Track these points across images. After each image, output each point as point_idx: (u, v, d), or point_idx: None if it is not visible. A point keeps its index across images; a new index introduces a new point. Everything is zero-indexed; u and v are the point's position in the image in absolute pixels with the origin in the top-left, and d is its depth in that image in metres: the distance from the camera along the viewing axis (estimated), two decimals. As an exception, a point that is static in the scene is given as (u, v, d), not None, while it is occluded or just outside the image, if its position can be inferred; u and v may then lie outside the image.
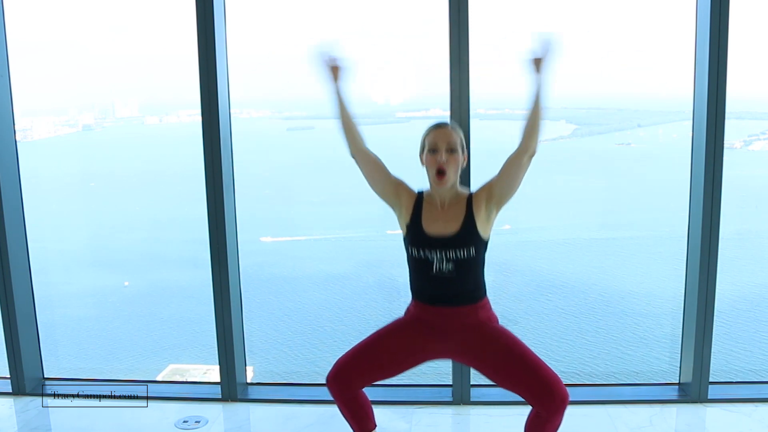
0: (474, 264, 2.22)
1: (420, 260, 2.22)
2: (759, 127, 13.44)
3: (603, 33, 17.67)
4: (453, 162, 2.21)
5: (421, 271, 2.24)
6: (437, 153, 2.20)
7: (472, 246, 2.19)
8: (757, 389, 3.20)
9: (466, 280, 2.21)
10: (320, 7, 17.55)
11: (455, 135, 2.24)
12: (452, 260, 2.18)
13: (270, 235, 11.30)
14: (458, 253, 2.17)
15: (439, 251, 2.18)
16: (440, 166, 2.19)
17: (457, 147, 2.22)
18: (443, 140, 2.21)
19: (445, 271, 2.18)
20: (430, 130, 2.26)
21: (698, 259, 2.99)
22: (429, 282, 2.22)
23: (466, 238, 2.19)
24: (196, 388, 3.54)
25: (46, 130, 14.12)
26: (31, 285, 3.39)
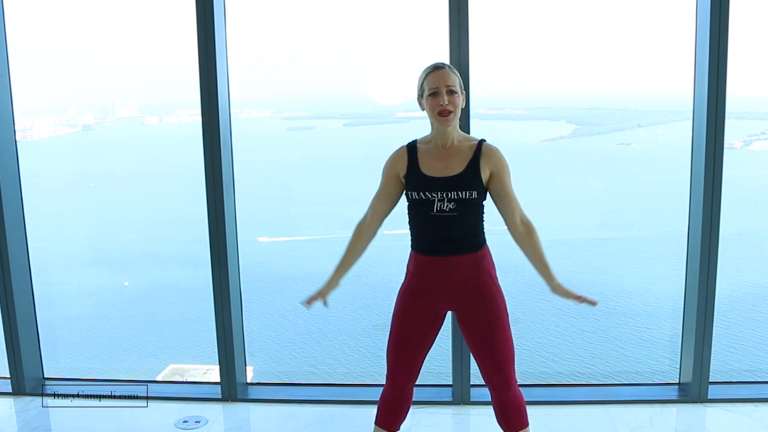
0: (475, 207, 2.21)
1: (420, 201, 2.19)
2: (759, 127, 13.43)
3: (603, 33, 17.66)
4: (454, 103, 2.20)
5: (421, 213, 2.21)
6: (438, 95, 2.19)
7: (474, 189, 2.17)
8: (757, 389, 3.21)
9: (466, 221, 2.19)
10: (320, 8, 17.54)
11: (454, 76, 2.22)
12: (454, 200, 2.16)
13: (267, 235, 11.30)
14: (460, 194, 2.16)
15: (440, 192, 2.16)
16: (444, 108, 2.18)
17: (456, 88, 2.21)
18: (443, 82, 2.19)
19: (446, 209, 2.16)
20: (428, 73, 2.23)
21: (698, 258, 2.99)
22: (429, 223, 2.19)
23: (469, 180, 2.18)
24: (196, 388, 3.54)
25: (46, 130, 14.12)
26: (31, 285, 3.39)
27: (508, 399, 2.27)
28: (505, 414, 2.29)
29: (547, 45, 16.82)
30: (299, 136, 16.31)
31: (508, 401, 2.27)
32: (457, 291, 2.23)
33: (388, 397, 2.34)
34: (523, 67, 16.20)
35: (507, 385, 2.25)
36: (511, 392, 2.27)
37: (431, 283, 2.24)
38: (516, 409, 2.28)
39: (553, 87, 16.12)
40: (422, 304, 2.26)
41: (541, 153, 14.16)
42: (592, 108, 15.43)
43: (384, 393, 2.35)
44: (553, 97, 15.39)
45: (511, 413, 2.28)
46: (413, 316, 2.27)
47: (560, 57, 17.09)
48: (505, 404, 2.28)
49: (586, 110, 15.38)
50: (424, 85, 2.23)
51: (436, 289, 2.24)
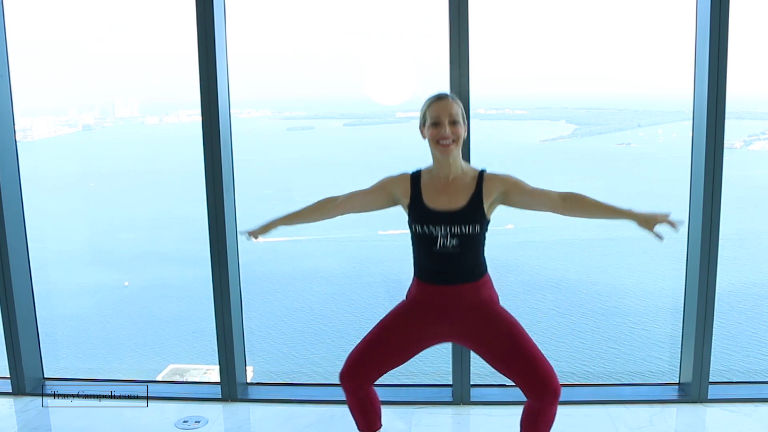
0: (477, 241, 2.20)
1: (424, 236, 2.19)
2: (759, 127, 13.43)
3: (603, 33, 17.66)
4: (456, 133, 2.19)
5: (425, 247, 2.21)
6: (440, 126, 2.18)
7: (477, 223, 2.17)
8: (757, 389, 3.20)
9: (468, 256, 2.19)
10: (320, 8, 17.54)
11: (456, 106, 2.21)
12: (457, 235, 2.15)
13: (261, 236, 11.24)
14: (463, 228, 2.15)
15: (443, 226, 2.16)
16: (445, 138, 2.17)
17: (459, 118, 2.20)
18: (445, 112, 2.18)
19: (449, 246, 2.16)
20: (430, 103, 2.22)
21: (698, 258, 2.99)
22: (432, 258, 2.20)
23: (471, 214, 2.17)
24: (196, 388, 3.54)
25: (46, 130, 14.12)
26: (31, 285, 3.39)
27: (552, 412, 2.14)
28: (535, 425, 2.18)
29: (547, 45, 16.81)
30: (299, 136, 16.32)
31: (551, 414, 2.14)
32: (459, 319, 2.22)
33: (351, 404, 2.32)
34: (523, 67, 16.20)
35: (556, 394, 2.10)
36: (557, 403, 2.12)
37: (432, 307, 2.24)
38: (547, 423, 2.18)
39: (553, 87, 16.13)
40: (416, 320, 2.26)
41: (541, 153, 14.18)
42: (592, 108, 15.43)
43: (349, 402, 2.32)
44: (553, 97, 15.41)
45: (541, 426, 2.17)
46: (402, 324, 2.27)
47: (560, 57, 17.08)
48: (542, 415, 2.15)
49: (586, 110, 15.38)
50: (426, 114, 2.22)
51: (436, 315, 2.24)
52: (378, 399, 2.36)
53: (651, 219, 2.12)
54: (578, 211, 2.18)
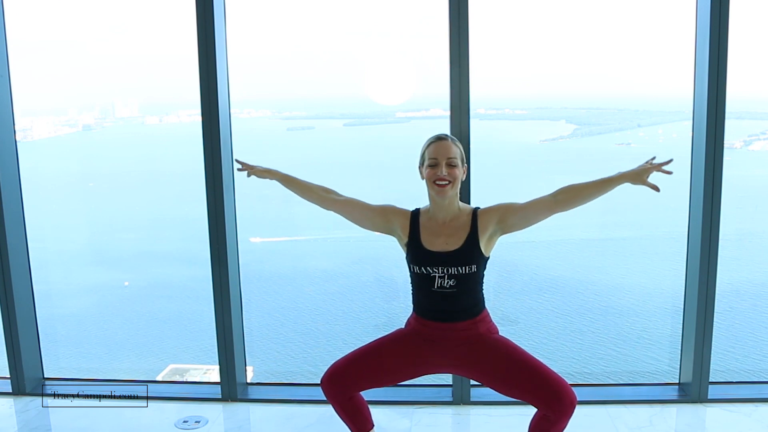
0: (475, 280, 2.23)
1: (421, 276, 2.22)
2: (759, 127, 13.41)
3: (603, 33, 17.66)
4: (453, 175, 2.20)
5: (423, 287, 2.24)
6: (437, 167, 2.20)
7: (474, 263, 2.19)
8: (757, 389, 3.21)
9: (466, 295, 2.22)
10: (320, 7, 17.54)
11: (455, 148, 2.24)
12: (454, 276, 2.18)
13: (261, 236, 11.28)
14: (460, 269, 2.18)
15: (441, 267, 2.18)
16: (441, 179, 2.19)
17: (457, 161, 2.22)
18: (443, 154, 2.21)
19: (446, 286, 2.19)
20: (429, 144, 2.25)
21: (698, 258, 2.99)
22: (430, 297, 2.23)
23: (468, 254, 2.19)
24: (196, 388, 3.55)
25: (46, 130, 14.12)
26: (31, 285, 3.39)
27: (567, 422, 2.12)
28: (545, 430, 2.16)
29: (547, 45, 16.82)
30: (299, 136, 16.31)
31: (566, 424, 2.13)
32: (457, 352, 2.24)
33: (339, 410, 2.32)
34: (523, 67, 16.20)
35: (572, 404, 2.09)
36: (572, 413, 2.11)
37: (430, 340, 2.26)
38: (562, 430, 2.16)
39: (553, 87, 16.12)
40: (413, 349, 2.28)
41: (541, 153, 14.16)
42: (592, 108, 15.42)
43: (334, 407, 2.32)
44: (553, 97, 15.39)
45: None
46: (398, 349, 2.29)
47: (560, 57, 17.08)
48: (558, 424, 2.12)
49: (586, 110, 15.37)
50: (425, 154, 2.25)
51: (434, 347, 2.26)
52: (364, 401, 2.36)
53: (641, 173, 2.22)
54: (574, 201, 2.20)
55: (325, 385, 2.27)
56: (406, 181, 2.39)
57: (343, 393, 2.27)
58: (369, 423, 2.35)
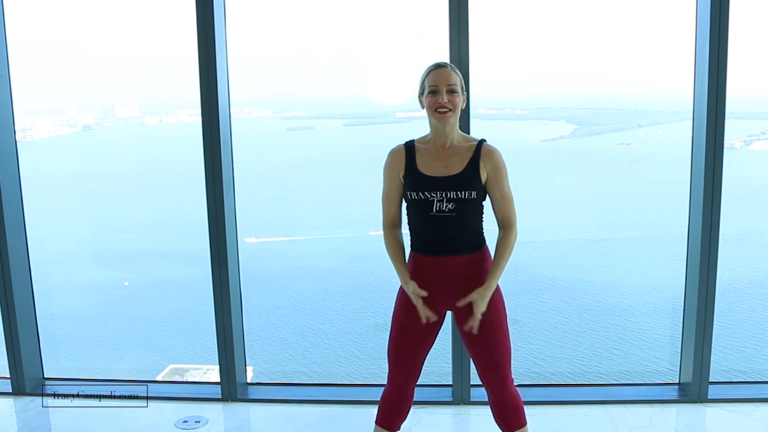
0: (474, 207, 2.21)
1: (419, 202, 2.19)
2: (759, 127, 13.42)
3: (603, 33, 17.66)
4: (453, 102, 2.20)
5: (420, 213, 2.21)
6: (438, 94, 2.19)
7: (474, 189, 2.17)
8: (757, 389, 3.21)
9: (466, 221, 2.20)
10: (320, 7, 17.54)
11: (455, 75, 2.23)
12: (453, 200, 2.16)
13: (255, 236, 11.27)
14: (460, 193, 2.16)
15: (439, 192, 2.16)
16: (442, 106, 2.18)
17: (457, 88, 2.21)
18: (443, 81, 2.20)
19: (445, 209, 2.16)
20: (429, 71, 2.24)
21: (698, 258, 2.99)
22: (428, 223, 2.20)
23: (468, 180, 2.18)
24: (196, 388, 3.55)
25: (46, 130, 14.11)
26: (31, 285, 3.39)
27: (505, 399, 2.27)
28: (503, 414, 2.28)
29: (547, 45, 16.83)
30: (299, 136, 16.31)
31: (505, 401, 2.27)
32: (455, 291, 2.22)
33: (389, 396, 2.34)
34: (523, 67, 16.20)
35: (503, 384, 2.25)
36: (507, 392, 2.26)
37: (431, 283, 2.23)
38: (513, 409, 2.27)
39: (553, 87, 16.13)
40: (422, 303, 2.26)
41: (541, 153, 14.16)
42: (592, 108, 15.42)
43: (385, 393, 2.35)
44: (553, 97, 15.39)
45: (509, 412, 2.27)
46: (413, 315, 2.27)
47: (560, 57, 17.08)
48: (502, 404, 2.27)
49: (586, 110, 15.37)
50: (425, 82, 2.23)
51: (435, 289, 2.24)
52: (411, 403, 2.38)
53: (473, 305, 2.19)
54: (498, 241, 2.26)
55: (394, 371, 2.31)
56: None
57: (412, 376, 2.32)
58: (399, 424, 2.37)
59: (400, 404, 2.34)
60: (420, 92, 2.26)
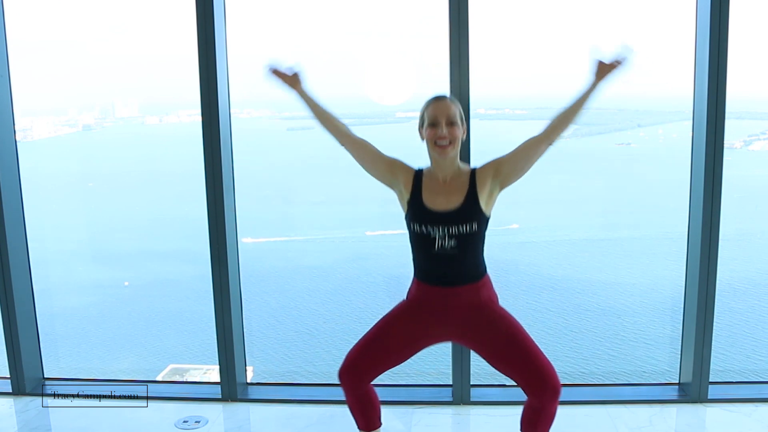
0: (476, 240, 2.21)
1: (422, 236, 2.20)
2: (759, 127, 13.42)
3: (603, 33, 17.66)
4: (453, 135, 2.20)
5: (423, 248, 2.22)
6: (437, 126, 2.19)
7: (475, 222, 2.17)
8: (757, 389, 3.20)
9: (467, 256, 2.20)
10: (320, 7, 17.54)
11: (455, 107, 2.23)
12: (455, 236, 2.16)
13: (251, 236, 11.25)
14: (461, 228, 2.16)
15: (441, 227, 2.16)
16: (442, 138, 2.18)
17: (456, 120, 2.21)
18: (443, 113, 2.20)
19: (447, 247, 2.16)
20: (429, 104, 2.24)
21: (698, 258, 2.99)
22: (431, 259, 2.21)
23: (468, 212, 2.17)
24: (196, 388, 3.54)
25: (46, 130, 14.12)
26: (31, 285, 3.39)
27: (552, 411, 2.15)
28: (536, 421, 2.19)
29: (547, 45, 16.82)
30: (299, 136, 16.31)
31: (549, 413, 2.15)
32: (459, 319, 2.23)
33: (354, 403, 2.32)
34: (523, 67, 16.20)
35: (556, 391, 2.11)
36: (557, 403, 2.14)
37: (432, 308, 2.25)
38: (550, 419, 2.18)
39: (553, 87, 16.11)
40: (416, 320, 2.27)
41: (541, 153, 14.16)
42: (592, 108, 15.43)
43: (348, 400, 2.33)
44: (553, 97, 15.40)
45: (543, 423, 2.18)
46: (402, 324, 2.27)
47: (560, 57, 17.08)
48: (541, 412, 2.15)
49: (586, 110, 15.38)
50: (424, 115, 2.24)
51: (435, 315, 2.24)
52: (377, 398, 2.36)
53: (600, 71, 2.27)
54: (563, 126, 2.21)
55: (342, 377, 2.26)
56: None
57: (361, 381, 2.27)
58: (378, 421, 2.36)
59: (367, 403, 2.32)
60: (420, 124, 2.27)
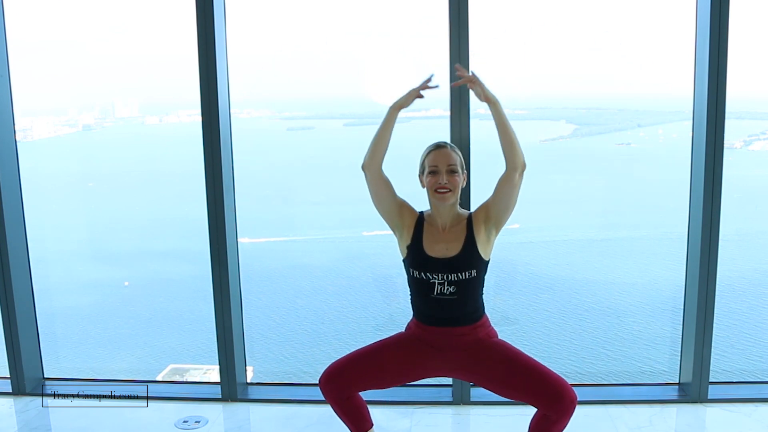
0: (475, 285, 2.23)
1: (421, 282, 2.22)
2: (759, 127, 13.42)
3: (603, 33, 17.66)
4: (453, 183, 2.21)
5: (422, 293, 2.24)
6: (438, 174, 2.21)
7: (474, 268, 2.20)
8: (757, 389, 3.20)
9: (466, 301, 2.23)
10: (320, 7, 17.54)
11: (455, 156, 2.25)
12: (454, 282, 2.18)
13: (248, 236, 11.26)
14: (460, 275, 2.18)
15: (440, 273, 2.19)
16: (442, 187, 2.20)
17: (457, 168, 2.23)
18: (443, 161, 2.22)
19: (446, 293, 2.19)
20: (429, 152, 2.26)
21: (698, 258, 2.99)
22: (430, 303, 2.23)
23: (467, 259, 2.19)
24: (196, 388, 3.55)
25: (46, 130, 14.12)
26: (32, 285, 3.39)
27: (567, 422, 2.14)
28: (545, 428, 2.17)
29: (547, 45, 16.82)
30: (299, 136, 16.31)
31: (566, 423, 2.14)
32: (457, 357, 2.25)
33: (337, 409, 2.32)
34: (523, 67, 16.20)
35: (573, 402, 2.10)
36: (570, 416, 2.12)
37: (430, 345, 2.27)
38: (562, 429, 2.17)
39: (553, 87, 16.12)
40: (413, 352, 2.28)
41: (541, 153, 14.16)
42: (592, 108, 15.43)
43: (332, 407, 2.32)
44: (553, 97, 15.39)
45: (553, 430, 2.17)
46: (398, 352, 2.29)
47: (560, 57, 17.08)
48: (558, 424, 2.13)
49: (586, 110, 15.38)
50: (425, 162, 2.26)
51: (433, 351, 2.27)
52: (362, 400, 2.35)
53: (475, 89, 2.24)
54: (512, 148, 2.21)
55: (323, 384, 2.27)
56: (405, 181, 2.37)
57: (341, 393, 2.27)
58: (368, 422, 2.35)
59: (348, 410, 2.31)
60: (420, 172, 2.29)
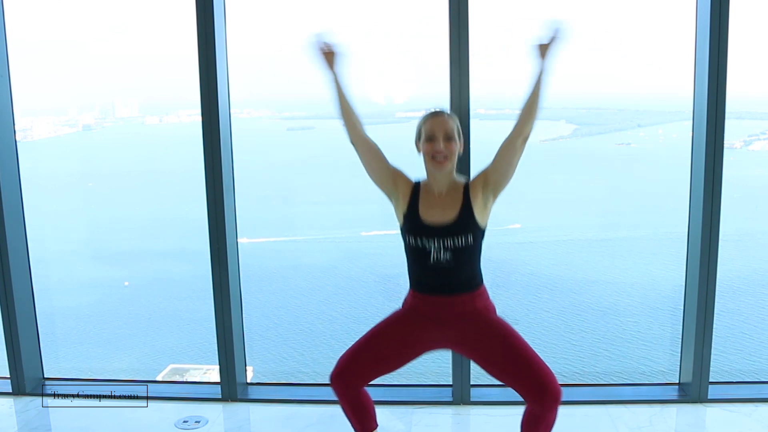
0: (471, 252, 2.21)
1: (417, 249, 2.21)
2: (759, 127, 13.44)
3: (603, 33, 17.66)
4: (450, 149, 2.21)
5: (419, 261, 2.23)
6: (434, 141, 2.20)
7: (470, 233, 2.18)
8: (757, 389, 3.20)
9: (463, 268, 2.21)
10: (320, 7, 17.56)
11: (452, 122, 2.24)
12: (450, 249, 2.17)
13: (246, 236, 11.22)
14: (456, 241, 2.16)
15: (436, 240, 2.17)
16: (438, 152, 2.19)
17: (453, 134, 2.22)
18: (440, 128, 2.21)
19: (442, 260, 2.17)
20: (426, 119, 2.25)
21: (698, 258, 2.99)
22: (426, 271, 2.21)
23: (463, 225, 2.18)
24: (196, 388, 3.54)
25: (46, 130, 14.13)
26: (32, 285, 3.39)
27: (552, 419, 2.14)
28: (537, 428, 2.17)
29: (547, 45, 16.78)
30: (299, 136, 16.33)
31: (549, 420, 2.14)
32: (455, 328, 2.23)
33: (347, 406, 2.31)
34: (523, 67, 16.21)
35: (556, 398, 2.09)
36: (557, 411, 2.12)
37: (428, 316, 2.25)
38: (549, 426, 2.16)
39: (553, 87, 16.12)
40: (411, 327, 2.27)
41: (541, 153, 14.18)
42: (592, 108, 15.45)
43: (341, 404, 2.31)
44: (553, 97, 15.41)
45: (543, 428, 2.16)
46: (397, 331, 2.28)
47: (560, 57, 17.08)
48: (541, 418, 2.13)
49: (586, 110, 15.39)
50: (422, 129, 2.25)
51: (431, 323, 2.25)
52: (371, 400, 2.35)
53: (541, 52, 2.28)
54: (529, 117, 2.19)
55: (334, 382, 2.26)
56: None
57: (353, 387, 2.26)
58: (374, 422, 2.35)
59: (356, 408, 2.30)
60: (416, 138, 2.28)
